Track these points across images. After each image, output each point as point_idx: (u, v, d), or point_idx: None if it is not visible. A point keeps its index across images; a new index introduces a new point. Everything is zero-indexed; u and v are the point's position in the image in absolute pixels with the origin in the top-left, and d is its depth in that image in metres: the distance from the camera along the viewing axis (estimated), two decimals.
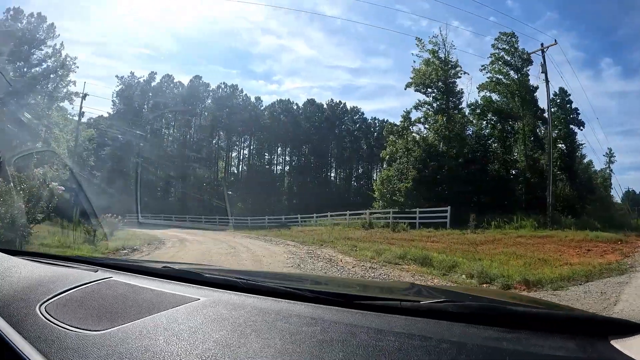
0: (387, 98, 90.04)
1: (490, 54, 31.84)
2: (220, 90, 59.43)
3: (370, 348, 1.18)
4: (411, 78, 31.44)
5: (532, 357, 1.13)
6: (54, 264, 2.28)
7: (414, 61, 32.05)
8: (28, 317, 1.46)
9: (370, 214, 27.39)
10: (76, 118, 43.83)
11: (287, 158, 62.79)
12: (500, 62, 31.55)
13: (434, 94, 31.00)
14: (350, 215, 29.28)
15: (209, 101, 59.46)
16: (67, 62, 42.53)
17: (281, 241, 18.47)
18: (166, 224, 39.87)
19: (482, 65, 32.42)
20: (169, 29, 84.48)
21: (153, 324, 1.41)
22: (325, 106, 63.77)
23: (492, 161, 29.80)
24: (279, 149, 62.22)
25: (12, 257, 2.20)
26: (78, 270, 2.13)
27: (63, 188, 12.08)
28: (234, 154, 61.39)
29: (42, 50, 41.81)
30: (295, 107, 62.56)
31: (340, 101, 64.92)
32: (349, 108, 65.08)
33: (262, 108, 61.72)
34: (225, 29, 78.56)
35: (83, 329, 1.37)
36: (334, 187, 62.30)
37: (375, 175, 64.67)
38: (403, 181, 27.63)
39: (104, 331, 1.35)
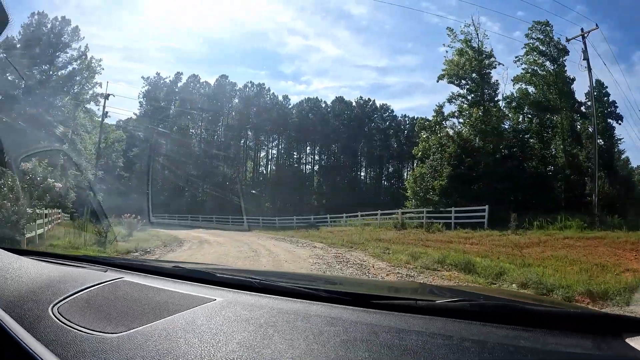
0: (416, 96, 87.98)
1: (524, 44, 30.24)
2: (247, 89, 58.93)
3: (395, 347, 1.18)
4: (443, 70, 30.16)
5: (550, 355, 1.13)
6: (62, 263, 2.22)
7: (446, 51, 30.78)
8: (41, 319, 1.39)
9: (403, 213, 26.19)
10: (106, 121, 43.86)
11: (316, 157, 61.90)
12: (535, 53, 29.86)
13: (468, 86, 29.59)
14: (381, 215, 28.14)
15: (236, 100, 58.97)
16: (93, 64, 42.89)
17: (308, 243, 17.56)
18: (193, 225, 39.68)
19: (516, 57, 30.87)
20: (197, 32, 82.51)
21: (172, 326, 1.38)
22: (354, 104, 62.60)
23: (530, 157, 28.07)
24: (308, 148, 61.37)
25: (19, 257, 2.08)
26: (88, 270, 2.09)
27: (60, 185, 11.62)
28: (262, 154, 61.00)
29: (67, 53, 42.20)
30: (323, 105, 61.60)
31: (369, 98, 63.55)
32: (378, 105, 63.75)
33: (290, 107, 60.96)
34: (252, 31, 79.02)
35: (100, 332, 1.32)
36: (363, 187, 61.10)
37: (405, 174, 63.33)
38: (437, 179, 26.30)
39: (121, 334, 1.31)
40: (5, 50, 40.36)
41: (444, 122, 29.76)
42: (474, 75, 29.27)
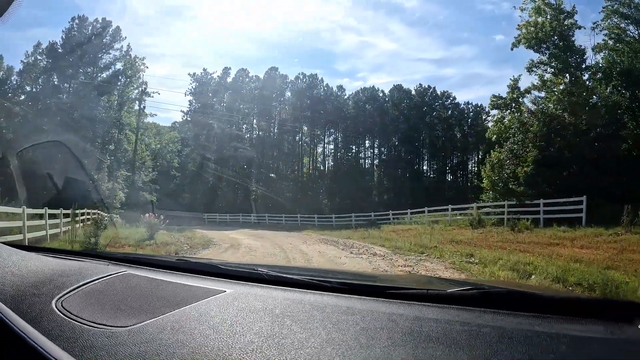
0: (475, 88, 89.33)
1: (602, 8, 25.38)
2: (299, 81, 56.28)
3: (416, 334, 1.18)
4: (517, 37, 25.78)
5: (565, 339, 1.13)
6: (64, 258, 2.18)
7: (520, 16, 26.28)
8: (44, 313, 1.35)
9: (478, 208, 22.25)
10: (161, 123, 43.78)
11: (375, 150, 58.46)
12: (616, 16, 24.93)
13: (549, 51, 24.95)
14: (452, 210, 24.51)
15: (288, 94, 56.54)
16: (137, 64, 42.73)
17: (366, 247, 14.25)
18: (244, 223, 37.56)
19: (594, 23, 26.11)
20: (251, 36, 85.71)
21: (184, 318, 1.33)
22: (413, 92, 58.48)
23: (625, 137, 22.87)
24: (367, 141, 57.90)
25: (19, 250, 1.98)
26: (91, 264, 2.01)
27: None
28: (318, 149, 58.20)
29: (110, 53, 42.54)
30: (380, 95, 57.84)
31: (429, 86, 59.34)
32: (438, 93, 59.31)
33: (346, 98, 57.75)
34: (305, 31, 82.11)
35: (107, 325, 1.27)
36: (426, 181, 57.39)
37: (470, 166, 58.88)
38: (519, 165, 22.05)
39: (131, 327, 1.26)
40: (48, 54, 41.62)
41: (520, 98, 25.37)
42: (555, 38, 24.68)
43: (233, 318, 1.32)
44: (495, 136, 25.43)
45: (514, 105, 25.17)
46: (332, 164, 57.98)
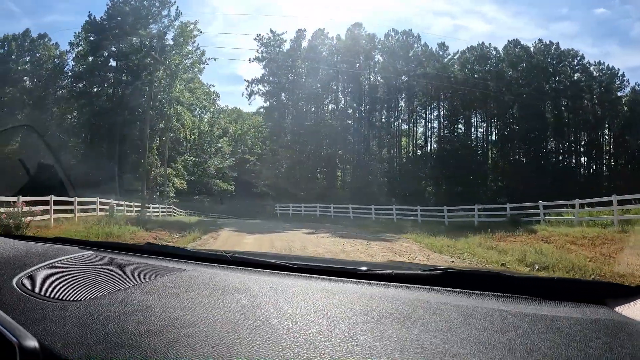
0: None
1: None
2: (390, 39, 45.70)
3: (374, 311, 1.19)
4: None
5: (528, 317, 1.14)
6: (33, 242, 2.25)
7: None
8: (4, 290, 1.38)
9: None
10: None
11: (489, 125, 46.74)
12: None
13: None
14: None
15: (377, 57, 46.10)
16: (189, 29, 38.73)
17: None
18: (318, 218, 29.20)
19: None
20: (340, 24, 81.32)
21: (138, 292, 1.36)
22: (532, 49, 45.74)
23: None
24: (477, 113, 46.39)
25: None
26: (58, 247, 2.04)
27: None
28: (416, 126, 47.79)
29: (160, 23, 39.52)
30: (494, 53, 45.88)
31: (550, 41, 46.29)
32: (562, 50, 46.14)
33: (448, 58, 46.59)
34: (396, 19, 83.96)
35: (61, 300, 1.30)
36: (551, 164, 44.76)
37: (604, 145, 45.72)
38: None
39: (83, 300, 1.29)
40: (95, 29, 38.54)
41: None
42: None
43: (185, 293, 1.33)
44: None
45: None
46: (435, 141, 47.04)
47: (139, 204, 24.54)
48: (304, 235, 15.27)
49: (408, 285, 1.42)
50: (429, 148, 46.96)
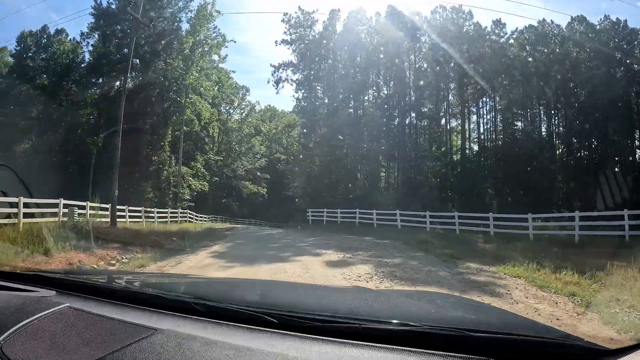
0: None
1: None
2: (437, 17, 39.09)
3: None
4: None
5: None
6: (6, 285, 2.05)
7: None
8: None
9: None
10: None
11: (555, 118, 39.54)
12: None
13: None
14: None
15: (423, 37, 39.45)
16: (207, 9, 34.05)
17: None
18: (356, 227, 23.94)
19: None
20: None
21: None
22: (597, 26, 38.02)
23: None
24: (541, 103, 39.21)
25: None
26: (33, 296, 1.87)
27: None
28: (472, 115, 41.00)
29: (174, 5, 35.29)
30: (556, 32, 38.54)
31: (617, 18, 38.26)
32: (631, 29, 38.10)
33: (505, 39, 39.58)
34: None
35: None
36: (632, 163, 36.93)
37: None
38: None
39: None
40: (105, 17, 34.98)
41: None
42: None
43: None
44: None
45: None
46: (493, 136, 39.90)
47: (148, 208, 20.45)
48: (324, 268, 9.23)
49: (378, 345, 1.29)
50: (487, 143, 40.25)
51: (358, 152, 34.43)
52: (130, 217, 20.27)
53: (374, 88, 39.59)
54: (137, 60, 31.79)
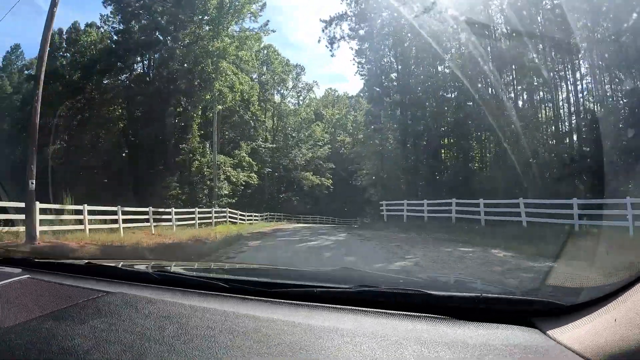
0: None
1: None
2: None
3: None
4: None
5: (453, 345, 1.03)
6: None
7: None
8: None
9: None
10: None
11: None
12: None
13: None
14: None
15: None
16: None
17: None
18: (452, 226, 16.80)
19: None
20: None
21: (56, 320, 1.30)
22: None
23: None
24: None
25: None
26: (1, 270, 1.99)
27: None
28: (568, 74, 30.43)
29: None
30: None
31: None
32: None
33: None
34: None
35: None
36: None
37: None
38: None
39: (2, 328, 1.26)
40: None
41: None
42: None
43: (107, 320, 1.27)
44: None
45: None
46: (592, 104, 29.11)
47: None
48: None
49: (325, 305, 1.31)
50: (580, 110, 29.42)
51: (441, 122, 26.17)
52: (128, 221, 14.78)
53: (453, 37, 30.54)
54: (159, 34, 26.72)
